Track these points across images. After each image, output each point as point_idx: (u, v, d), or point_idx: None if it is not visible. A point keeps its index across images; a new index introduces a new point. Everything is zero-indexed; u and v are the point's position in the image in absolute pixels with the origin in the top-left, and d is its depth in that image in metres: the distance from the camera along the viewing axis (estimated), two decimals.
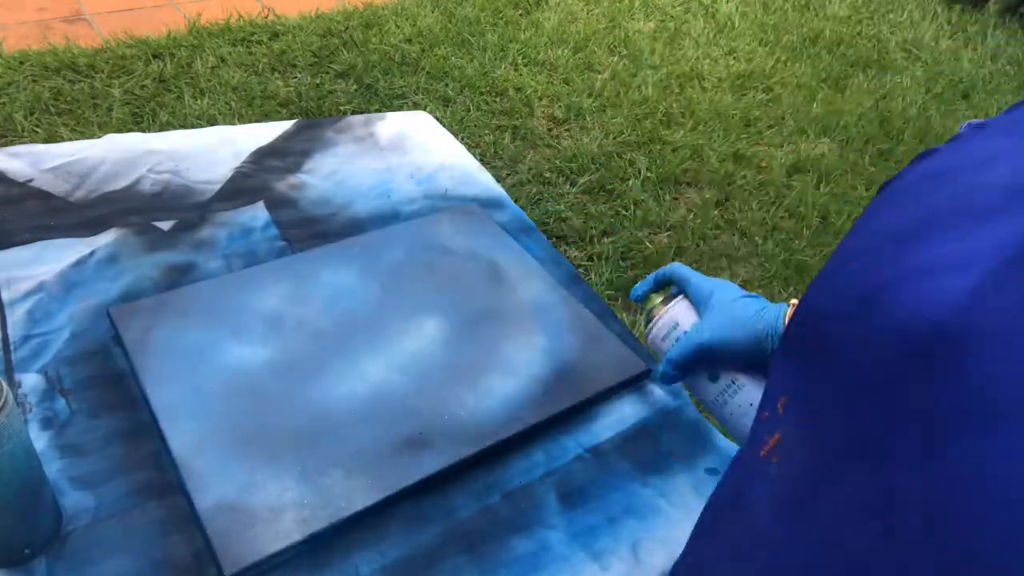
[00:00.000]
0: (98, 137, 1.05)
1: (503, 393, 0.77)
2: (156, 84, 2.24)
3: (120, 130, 1.82)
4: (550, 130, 2.40)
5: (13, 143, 1.75)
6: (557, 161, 2.24)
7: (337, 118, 1.19)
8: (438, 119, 1.26)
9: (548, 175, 2.19)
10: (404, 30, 2.71)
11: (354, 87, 2.40)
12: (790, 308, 0.62)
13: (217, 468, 0.66)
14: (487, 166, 1.21)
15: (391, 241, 0.94)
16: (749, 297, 0.65)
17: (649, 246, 1.98)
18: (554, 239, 1.95)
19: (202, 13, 2.58)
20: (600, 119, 2.46)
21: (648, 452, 0.76)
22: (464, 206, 1.03)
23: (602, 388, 0.80)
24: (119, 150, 1.02)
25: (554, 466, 0.73)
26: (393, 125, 1.19)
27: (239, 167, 1.04)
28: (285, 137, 1.12)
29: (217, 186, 1.00)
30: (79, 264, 0.85)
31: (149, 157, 1.02)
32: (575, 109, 2.48)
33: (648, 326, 0.70)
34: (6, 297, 0.80)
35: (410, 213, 1.02)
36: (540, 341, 0.83)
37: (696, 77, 2.77)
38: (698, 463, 0.76)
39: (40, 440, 0.67)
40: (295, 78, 2.39)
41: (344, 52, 2.54)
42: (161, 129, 2.03)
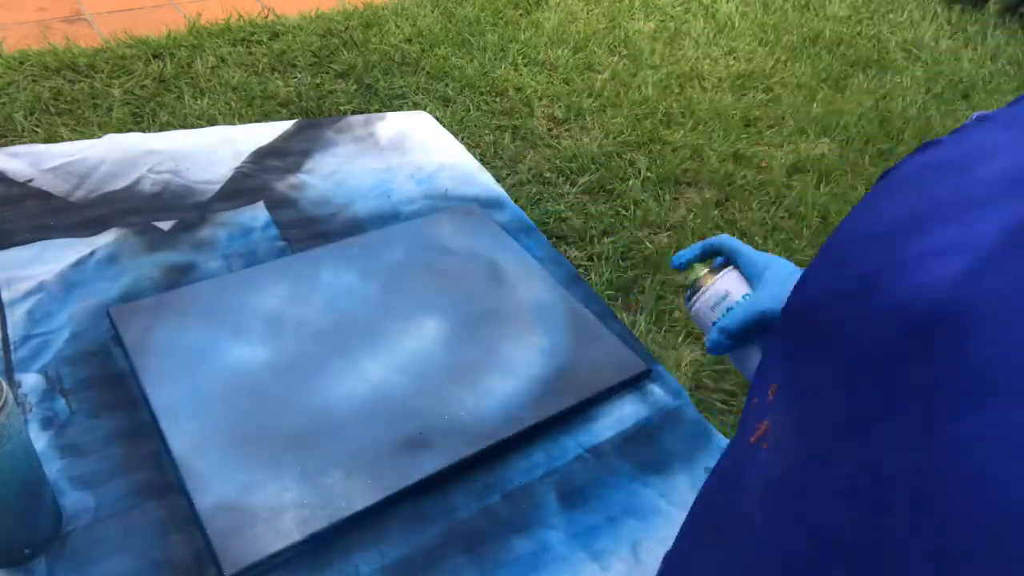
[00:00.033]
0: (98, 137, 1.05)
1: (503, 393, 0.77)
2: (156, 84, 2.24)
3: (120, 130, 1.82)
4: (550, 130, 2.40)
5: (13, 143, 1.75)
6: (557, 161, 2.24)
7: (337, 118, 1.19)
8: (438, 119, 1.26)
9: (548, 175, 2.19)
10: (404, 30, 2.71)
11: (354, 87, 2.40)
12: None
13: (217, 468, 0.66)
14: (487, 166, 1.21)
15: (391, 241, 0.94)
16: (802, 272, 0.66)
17: (649, 246, 1.98)
18: (554, 239, 1.95)
19: (202, 13, 2.58)
20: (600, 119, 2.46)
21: (648, 452, 0.76)
22: (464, 206, 1.03)
23: (602, 388, 0.80)
24: (119, 150, 1.02)
25: (554, 466, 0.73)
26: (393, 125, 1.19)
27: (239, 167, 1.04)
28: (285, 137, 1.12)
29: (217, 186, 1.00)
30: (79, 264, 0.85)
31: (149, 157, 1.02)
32: (575, 109, 2.48)
33: (693, 296, 0.69)
34: (6, 297, 0.80)
35: (410, 213, 1.02)
36: (540, 341, 0.83)
37: (696, 77, 2.77)
38: (698, 463, 0.76)
39: (40, 440, 0.67)
40: (295, 78, 2.39)
41: (344, 52, 2.54)
42: (161, 129, 2.03)
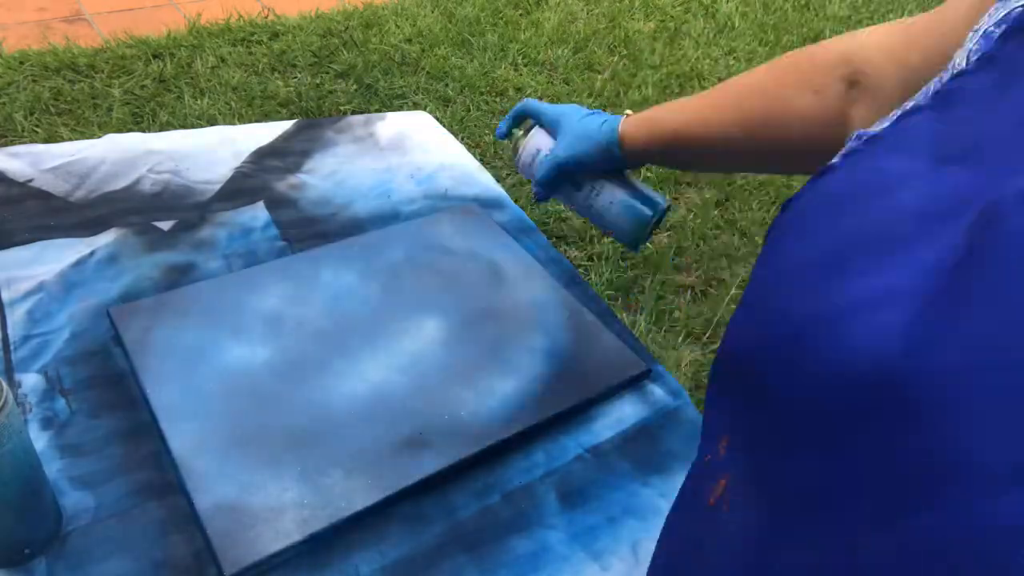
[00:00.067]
0: (98, 137, 1.05)
1: (503, 393, 0.77)
2: (156, 84, 2.24)
3: (120, 130, 1.82)
4: None
5: (13, 143, 1.75)
6: None
7: (337, 118, 1.19)
8: (438, 119, 1.26)
9: None
10: (404, 30, 2.71)
11: (354, 87, 2.40)
12: (624, 117, 0.71)
13: (217, 468, 0.66)
14: (487, 166, 1.21)
15: (391, 241, 0.94)
16: (592, 114, 0.74)
17: (649, 246, 1.98)
18: (554, 239, 1.95)
19: (202, 13, 2.58)
20: None
21: (648, 452, 0.76)
22: (464, 206, 1.03)
23: (602, 388, 0.80)
24: (119, 150, 1.02)
25: (554, 466, 0.73)
26: (393, 125, 1.19)
27: (239, 167, 1.04)
28: (285, 137, 1.12)
29: (217, 186, 1.00)
30: (79, 264, 0.85)
31: (149, 157, 1.02)
32: None
33: (516, 157, 0.79)
34: (6, 297, 0.80)
35: (410, 213, 1.02)
36: (540, 341, 0.83)
37: (696, 77, 2.77)
38: None
39: (40, 440, 0.67)
40: (295, 78, 2.39)
41: (344, 52, 2.54)
42: (161, 129, 2.03)
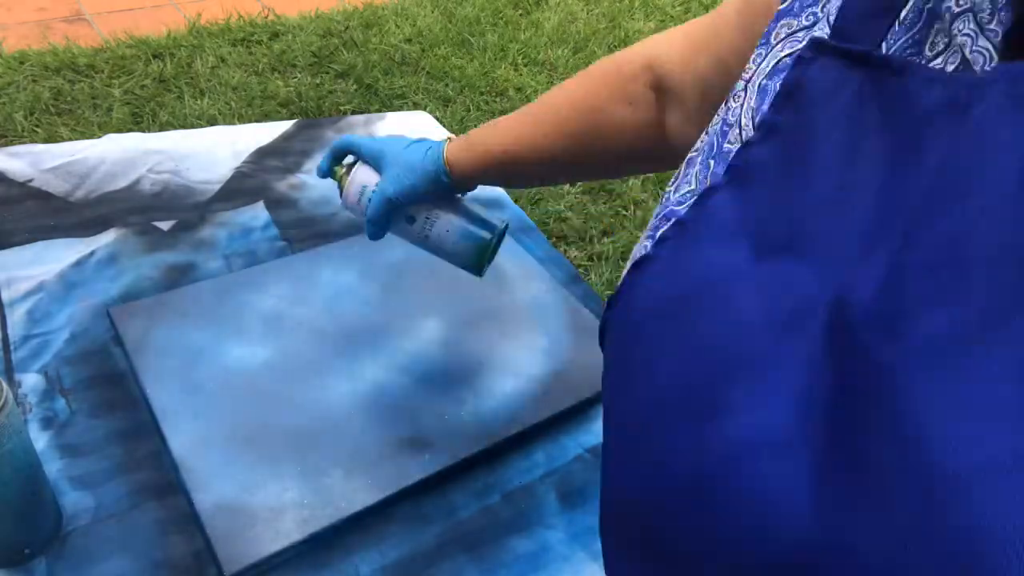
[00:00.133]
0: (98, 137, 1.05)
1: (503, 393, 0.77)
2: (156, 84, 2.24)
3: (120, 130, 1.82)
4: None
5: (13, 143, 1.75)
6: None
7: (337, 118, 1.19)
8: (438, 119, 1.26)
9: None
10: (404, 30, 2.71)
11: (354, 87, 2.40)
12: (446, 142, 0.69)
13: (217, 468, 0.66)
14: None
15: (391, 241, 0.93)
16: (415, 143, 0.72)
17: None
18: (554, 239, 1.95)
19: (202, 13, 2.58)
20: None
21: None
22: None
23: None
24: (119, 150, 1.02)
25: (554, 466, 0.73)
26: (393, 125, 1.19)
27: (239, 167, 1.04)
28: (285, 137, 1.12)
29: (217, 186, 1.00)
30: (79, 264, 0.85)
31: (149, 157, 1.02)
32: None
33: (341, 196, 0.75)
34: (6, 297, 0.80)
35: None
36: (540, 341, 0.83)
37: None
38: None
39: (40, 440, 0.67)
40: (295, 78, 2.39)
41: (344, 52, 2.54)
42: (161, 129, 2.03)
